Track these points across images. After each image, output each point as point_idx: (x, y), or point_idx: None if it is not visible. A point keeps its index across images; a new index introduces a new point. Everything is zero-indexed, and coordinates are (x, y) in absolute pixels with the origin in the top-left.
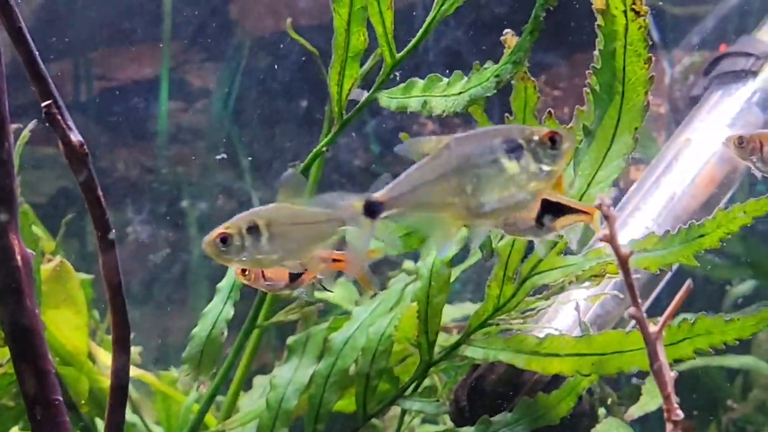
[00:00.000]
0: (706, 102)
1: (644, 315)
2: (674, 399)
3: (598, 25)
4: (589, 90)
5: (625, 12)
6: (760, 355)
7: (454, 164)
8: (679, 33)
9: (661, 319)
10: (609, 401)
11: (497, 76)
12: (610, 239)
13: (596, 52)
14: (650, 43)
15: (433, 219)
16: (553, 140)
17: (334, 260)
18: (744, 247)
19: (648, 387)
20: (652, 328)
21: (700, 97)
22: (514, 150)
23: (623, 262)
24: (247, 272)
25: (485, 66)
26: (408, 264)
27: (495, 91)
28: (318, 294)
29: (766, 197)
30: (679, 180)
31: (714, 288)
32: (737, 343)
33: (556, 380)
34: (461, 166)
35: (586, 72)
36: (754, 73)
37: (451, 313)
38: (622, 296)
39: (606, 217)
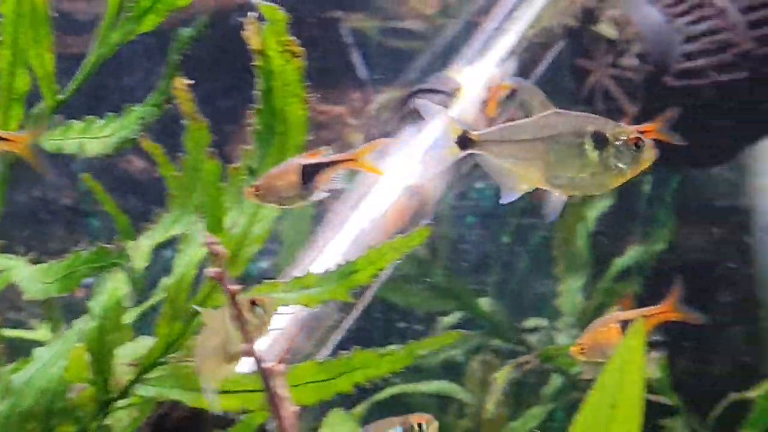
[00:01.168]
0: (398, 138)
1: (258, 351)
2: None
3: (256, 65)
4: (252, 130)
5: (281, 53)
6: (473, 383)
7: (545, 133)
8: (399, 68)
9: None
10: None
11: (142, 118)
12: (220, 276)
13: (257, 92)
14: (307, 84)
15: (511, 170)
16: (638, 145)
17: None
18: (446, 279)
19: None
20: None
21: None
22: (599, 140)
23: (231, 298)
24: None
25: (133, 108)
26: None
27: (141, 133)
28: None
29: (410, 235)
30: (368, 214)
31: (426, 319)
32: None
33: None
34: (552, 136)
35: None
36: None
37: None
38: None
39: (215, 255)
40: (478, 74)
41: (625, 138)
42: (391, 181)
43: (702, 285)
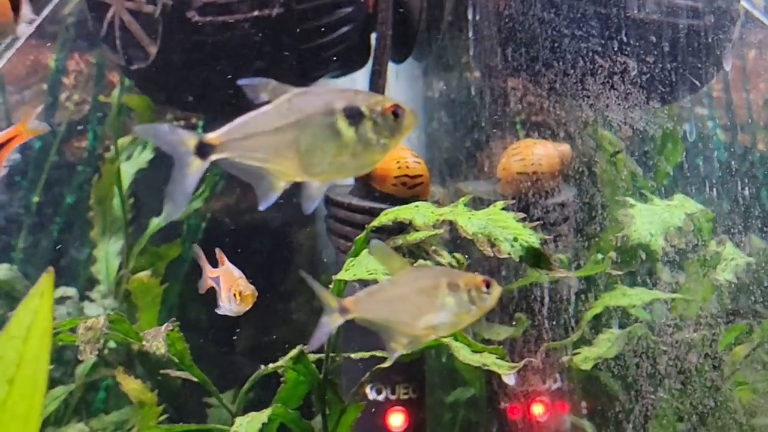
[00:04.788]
0: None
1: None
2: None
3: None
4: None
5: None
6: None
7: (292, 119)
8: None
9: None
10: None
11: None
12: None
13: None
14: None
15: (262, 168)
16: (396, 114)
17: None
18: None
19: None
20: None
21: None
22: (354, 116)
23: None
24: None
25: None
26: None
27: None
28: None
29: None
30: None
31: None
32: None
33: None
34: (299, 121)
35: None
36: None
37: None
38: None
39: None
40: None
41: (380, 108)
42: None
43: (262, 247)
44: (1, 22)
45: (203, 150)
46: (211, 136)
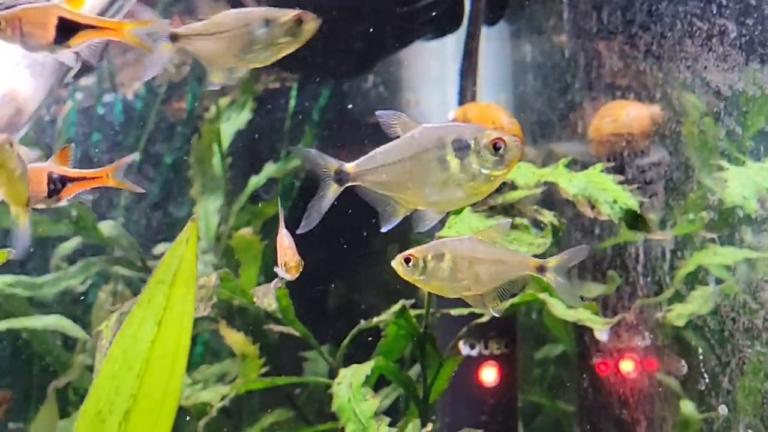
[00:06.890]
0: None
1: None
2: None
3: None
4: None
5: None
6: (101, 317)
7: (411, 152)
8: None
9: None
10: None
11: None
12: None
13: None
14: None
15: (388, 196)
16: (497, 147)
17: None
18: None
19: None
20: None
21: None
22: (461, 149)
23: None
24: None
25: None
26: None
27: None
28: None
29: None
30: None
31: (43, 245)
32: None
33: None
34: (416, 154)
35: None
36: None
37: None
38: None
39: None
40: None
41: (485, 141)
42: None
43: (352, 206)
44: None
45: (340, 177)
46: (348, 166)
